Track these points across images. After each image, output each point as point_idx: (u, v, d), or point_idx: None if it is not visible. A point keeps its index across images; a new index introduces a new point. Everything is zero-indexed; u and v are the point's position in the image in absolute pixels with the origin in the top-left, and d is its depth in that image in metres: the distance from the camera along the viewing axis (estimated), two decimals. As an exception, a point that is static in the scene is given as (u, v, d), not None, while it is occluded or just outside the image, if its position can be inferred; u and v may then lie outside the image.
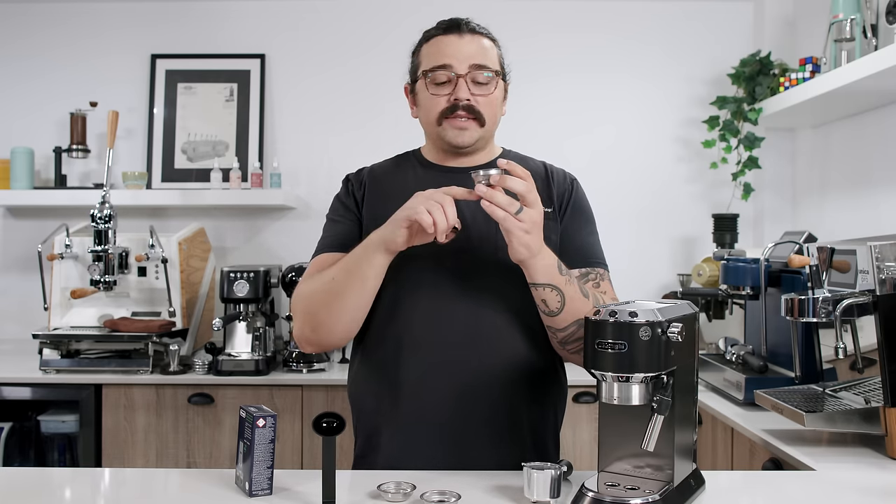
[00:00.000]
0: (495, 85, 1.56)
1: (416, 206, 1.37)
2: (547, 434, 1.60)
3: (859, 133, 2.73)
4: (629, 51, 3.29)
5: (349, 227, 1.60)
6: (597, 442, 1.35)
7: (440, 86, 1.54)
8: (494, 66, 1.56)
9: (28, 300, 3.24)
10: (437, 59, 1.54)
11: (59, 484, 1.43)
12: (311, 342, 1.52)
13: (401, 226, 1.39)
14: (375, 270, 1.44)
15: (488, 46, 1.57)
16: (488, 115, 1.56)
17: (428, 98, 1.56)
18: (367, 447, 1.57)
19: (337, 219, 1.63)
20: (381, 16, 3.31)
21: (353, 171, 1.69)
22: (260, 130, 3.28)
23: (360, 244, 1.48)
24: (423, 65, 1.57)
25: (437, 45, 1.56)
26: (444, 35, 1.56)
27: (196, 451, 2.68)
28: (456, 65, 1.53)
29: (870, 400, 1.70)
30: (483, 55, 1.55)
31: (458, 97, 1.52)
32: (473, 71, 1.53)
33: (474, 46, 1.54)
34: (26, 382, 2.67)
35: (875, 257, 1.66)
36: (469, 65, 1.53)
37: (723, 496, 1.36)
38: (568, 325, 1.45)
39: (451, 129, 1.54)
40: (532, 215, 1.36)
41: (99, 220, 2.78)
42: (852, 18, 2.45)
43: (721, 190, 3.23)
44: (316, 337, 1.50)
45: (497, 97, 1.58)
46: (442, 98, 1.54)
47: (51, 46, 3.33)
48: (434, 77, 1.54)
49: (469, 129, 1.54)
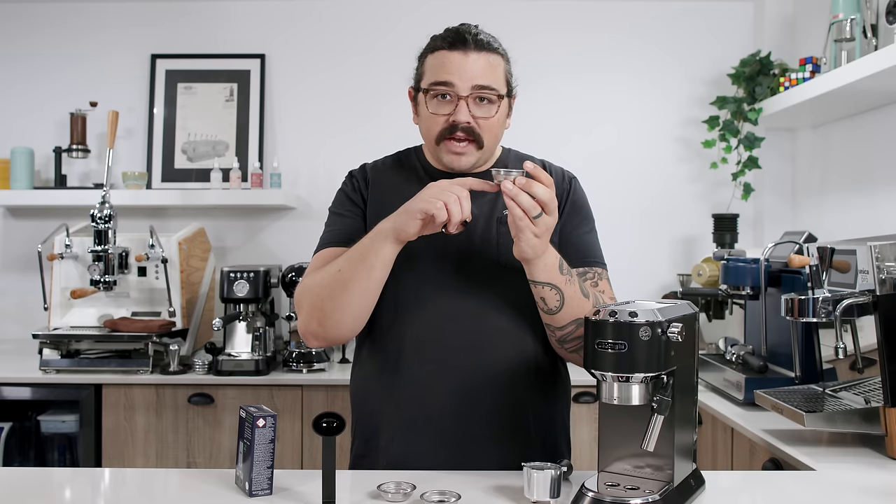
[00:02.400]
0: (498, 107, 1.51)
1: (432, 199, 1.36)
2: (557, 432, 1.60)
3: (859, 133, 2.73)
4: (629, 51, 3.29)
5: (355, 222, 1.58)
6: (597, 442, 1.35)
7: (440, 104, 1.50)
8: (499, 85, 1.51)
9: (28, 300, 3.24)
10: (439, 76, 1.49)
11: (59, 484, 1.43)
12: (318, 336, 1.48)
13: (415, 216, 1.37)
14: (383, 260, 1.42)
15: (495, 64, 1.50)
16: (488, 137, 1.51)
17: (427, 116, 1.52)
18: (367, 448, 1.56)
19: (343, 213, 1.61)
20: (380, 15, 3.30)
21: (357, 168, 1.68)
22: (260, 130, 3.28)
23: (367, 234, 1.46)
24: (425, 77, 1.52)
25: (442, 60, 1.49)
26: (450, 51, 1.49)
27: (196, 451, 2.68)
28: (458, 84, 1.47)
29: (870, 400, 1.70)
30: (488, 75, 1.49)
31: (457, 119, 1.48)
32: (476, 92, 1.48)
33: (480, 65, 1.48)
34: (26, 382, 2.67)
35: (875, 257, 1.66)
36: (472, 85, 1.47)
37: (723, 496, 1.36)
38: (566, 325, 1.45)
39: (447, 153, 1.51)
40: (548, 222, 1.36)
41: (99, 220, 2.78)
42: (852, 18, 2.45)
43: (721, 190, 3.23)
44: (322, 330, 1.47)
45: (499, 119, 1.53)
46: (441, 118, 1.49)
47: (51, 46, 3.33)
48: (435, 93, 1.50)
49: (466, 154, 1.51)
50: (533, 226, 1.34)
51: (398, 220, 1.40)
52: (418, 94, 1.56)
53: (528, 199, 1.33)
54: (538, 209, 1.34)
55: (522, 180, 1.34)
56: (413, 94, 1.59)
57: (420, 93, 1.54)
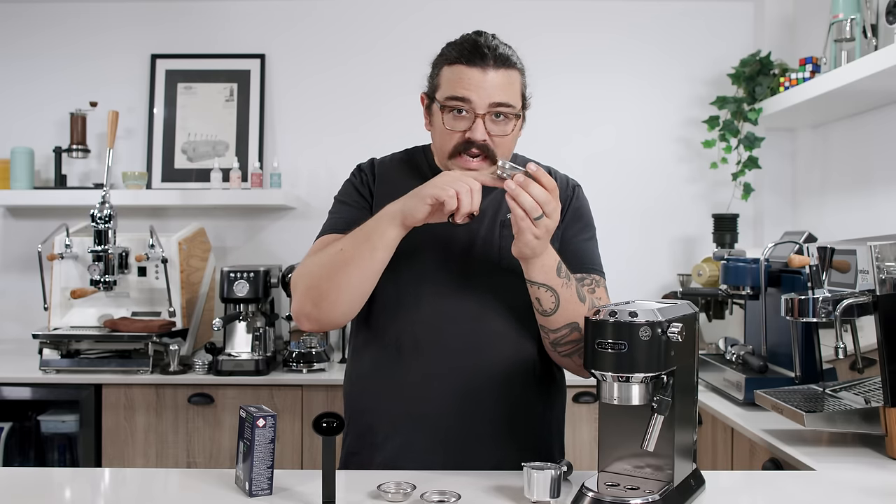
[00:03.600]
0: (515, 124, 1.49)
1: (444, 186, 1.35)
2: (552, 433, 1.60)
3: (859, 133, 2.73)
4: (629, 51, 3.29)
5: (360, 212, 1.57)
6: (597, 442, 1.35)
7: (457, 120, 1.46)
8: (516, 101, 1.48)
9: (28, 300, 3.24)
10: (456, 91, 1.45)
11: (59, 484, 1.43)
12: (311, 318, 1.46)
13: (425, 201, 1.37)
14: (386, 242, 1.41)
15: (513, 80, 1.48)
16: (501, 153, 1.48)
17: (442, 130, 1.49)
18: (360, 444, 1.56)
19: (349, 202, 1.60)
20: (380, 15, 3.30)
21: (365, 161, 1.67)
22: (260, 130, 3.28)
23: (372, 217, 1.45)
24: (441, 90, 1.49)
25: (459, 75, 1.46)
26: (468, 66, 1.45)
27: (196, 451, 2.68)
28: (476, 101, 1.44)
29: (870, 400, 1.70)
30: (506, 91, 1.46)
31: (473, 137, 1.45)
32: (493, 109, 1.45)
33: (498, 81, 1.45)
34: (26, 382, 2.67)
35: (875, 257, 1.66)
36: (490, 103, 1.44)
37: (723, 496, 1.36)
38: (560, 327, 1.45)
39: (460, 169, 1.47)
40: (548, 224, 1.35)
41: (99, 220, 2.78)
42: (852, 18, 2.45)
43: (721, 190, 3.23)
44: (317, 311, 1.45)
45: (514, 136, 1.51)
46: (457, 134, 1.47)
47: (51, 46, 3.33)
48: (451, 107, 1.46)
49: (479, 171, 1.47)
50: (533, 227, 1.34)
51: (407, 204, 1.39)
52: (432, 104, 1.53)
53: (530, 199, 1.32)
54: (539, 210, 1.33)
55: (521, 178, 1.34)
56: (426, 102, 1.56)
57: (434, 103, 1.52)
